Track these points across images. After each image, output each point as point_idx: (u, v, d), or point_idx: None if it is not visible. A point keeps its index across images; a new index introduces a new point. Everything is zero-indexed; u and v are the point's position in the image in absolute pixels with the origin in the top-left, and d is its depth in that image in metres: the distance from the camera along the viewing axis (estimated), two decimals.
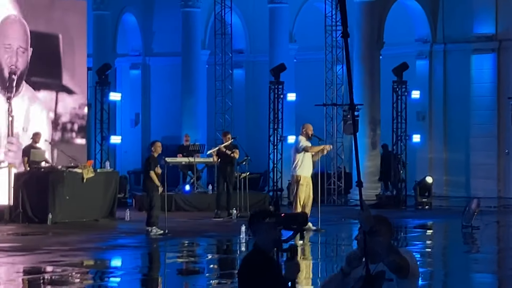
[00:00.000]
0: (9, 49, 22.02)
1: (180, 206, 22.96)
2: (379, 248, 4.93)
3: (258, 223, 5.66)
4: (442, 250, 18.02)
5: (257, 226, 5.66)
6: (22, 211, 19.69)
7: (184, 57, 28.61)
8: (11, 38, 22.14)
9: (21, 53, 22.17)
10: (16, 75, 22.09)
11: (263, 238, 5.62)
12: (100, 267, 14.83)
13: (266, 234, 5.61)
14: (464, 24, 28.80)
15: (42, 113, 22.82)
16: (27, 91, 22.47)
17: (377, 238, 4.94)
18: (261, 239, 5.63)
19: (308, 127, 18.67)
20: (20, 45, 22.21)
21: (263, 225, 5.62)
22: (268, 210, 5.89)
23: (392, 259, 4.92)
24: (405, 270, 4.98)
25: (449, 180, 29.09)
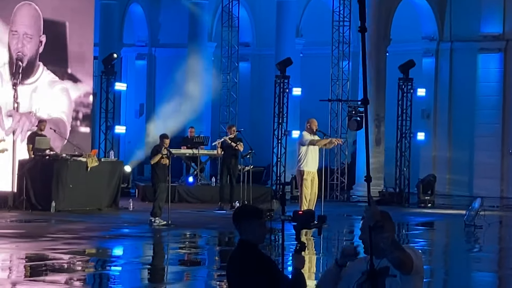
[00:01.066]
0: (16, 35, 22.04)
1: (183, 198, 23.00)
2: (383, 243, 4.93)
3: (251, 219, 5.65)
4: (444, 248, 18.03)
5: (249, 222, 5.64)
6: (25, 198, 19.73)
7: (190, 48, 28.59)
8: (18, 25, 22.16)
9: (28, 40, 22.17)
10: (24, 62, 22.10)
11: (254, 233, 5.63)
12: (102, 256, 14.86)
13: (258, 230, 5.63)
14: (471, 23, 28.77)
15: (62, 96, 22.90)
16: (47, 76, 22.55)
17: (381, 233, 4.94)
18: (251, 235, 5.63)
19: (313, 122, 18.68)
20: (26, 31, 22.21)
21: (256, 221, 5.63)
22: (255, 206, 5.92)
23: (396, 255, 4.93)
24: (408, 267, 4.99)
25: (452, 178, 29.09)
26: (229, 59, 27.69)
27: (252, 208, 5.82)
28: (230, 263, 5.70)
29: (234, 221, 5.74)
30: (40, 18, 22.46)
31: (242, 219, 5.68)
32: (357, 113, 24.95)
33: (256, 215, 5.67)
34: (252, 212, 5.70)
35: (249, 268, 5.50)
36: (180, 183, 23.88)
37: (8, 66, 21.91)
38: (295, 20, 28.88)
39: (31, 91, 22.32)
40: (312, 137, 18.42)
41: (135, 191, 24.39)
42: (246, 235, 5.62)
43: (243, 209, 5.90)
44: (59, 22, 23.08)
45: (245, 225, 5.64)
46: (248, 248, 5.58)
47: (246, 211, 5.79)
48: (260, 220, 5.65)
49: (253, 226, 5.62)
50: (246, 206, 6.00)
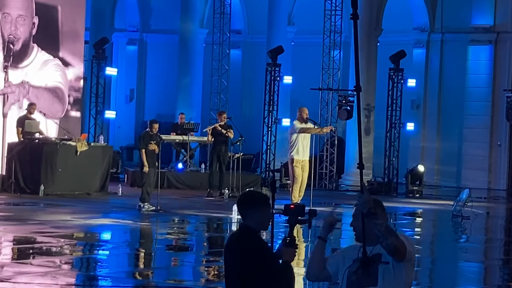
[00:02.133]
0: (8, 17, 21.95)
1: (172, 184, 23.03)
2: (377, 230, 4.96)
3: (258, 206, 5.63)
4: (431, 238, 18.11)
5: (256, 209, 5.62)
6: (14, 181, 19.72)
7: (181, 35, 28.56)
8: (10, 7, 22.07)
9: (21, 22, 22.10)
10: (17, 45, 22.02)
11: (258, 220, 5.62)
12: (90, 240, 14.88)
13: (264, 218, 5.62)
14: (463, 15, 28.83)
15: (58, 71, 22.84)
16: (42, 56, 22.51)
17: (375, 220, 4.97)
18: (255, 223, 5.62)
19: (303, 110, 18.76)
20: (19, 13, 22.14)
21: (263, 209, 5.62)
22: (263, 193, 5.87)
23: (390, 241, 4.95)
24: (402, 254, 5.02)
25: (440, 169, 29.21)
26: (220, 46, 27.68)
27: (260, 195, 5.73)
28: (228, 246, 5.70)
29: (240, 206, 5.71)
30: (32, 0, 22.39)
31: (248, 206, 5.65)
32: (347, 103, 25.01)
33: (263, 203, 5.64)
34: (259, 200, 5.66)
35: (247, 253, 5.52)
36: (170, 169, 23.90)
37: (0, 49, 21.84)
38: (287, 8, 28.87)
39: (25, 73, 22.23)
40: (302, 125, 18.48)
41: (124, 176, 24.39)
42: (250, 222, 5.61)
43: (251, 195, 5.79)
44: (51, 6, 23.00)
45: (251, 212, 5.61)
46: (249, 233, 5.58)
47: (253, 198, 5.71)
48: (266, 208, 5.64)
49: (259, 214, 5.60)
50: (254, 193, 5.92)
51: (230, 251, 5.64)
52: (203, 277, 12.28)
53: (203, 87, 29.24)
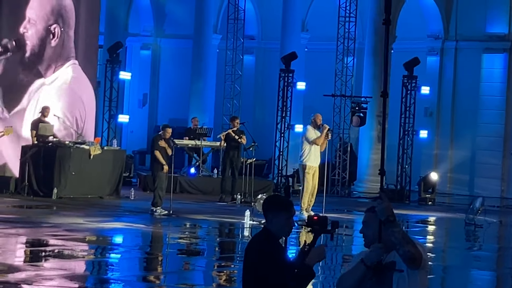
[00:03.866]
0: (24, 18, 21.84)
1: (184, 188, 23.05)
2: (394, 238, 4.92)
3: (279, 211, 5.62)
4: (444, 246, 18.06)
5: (276, 214, 5.61)
6: (27, 184, 19.78)
7: (195, 40, 28.60)
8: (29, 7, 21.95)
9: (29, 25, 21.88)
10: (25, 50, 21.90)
11: (279, 226, 5.61)
12: (102, 243, 14.90)
13: (284, 223, 5.62)
14: (477, 23, 28.77)
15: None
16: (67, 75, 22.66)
17: (392, 228, 4.94)
18: (276, 227, 5.61)
19: (317, 116, 18.83)
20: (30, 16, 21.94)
21: (284, 215, 5.61)
22: (288, 199, 5.85)
23: (407, 249, 4.91)
24: (419, 262, 4.98)
25: (453, 177, 29.12)
26: (234, 51, 27.70)
27: (284, 201, 5.69)
28: (248, 247, 5.72)
29: (264, 209, 5.69)
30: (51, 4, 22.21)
31: (270, 210, 5.63)
32: (361, 109, 24.98)
33: (285, 209, 5.62)
34: (281, 205, 5.64)
35: (264, 256, 5.52)
36: (182, 174, 23.92)
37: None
38: (301, 14, 28.88)
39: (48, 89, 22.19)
40: (316, 134, 18.53)
41: (137, 180, 24.43)
42: (271, 226, 5.61)
43: (275, 200, 5.73)
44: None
45: (272, 216, 5.60)
46: (269, 237, 5.58)
47: (276, 202, 5.66)
48: (288, 214, 5.61)
49: (280, 219, 5.58)
50: (277, 197, 5.87)
51: (249, 252, 5.65)
52: (215, 282, 12.28)
53: (216, 92, 29.26)
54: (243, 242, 15.73)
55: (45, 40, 22.06)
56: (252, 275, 5.56)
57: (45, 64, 22.08)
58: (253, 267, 5.56)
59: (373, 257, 4.99)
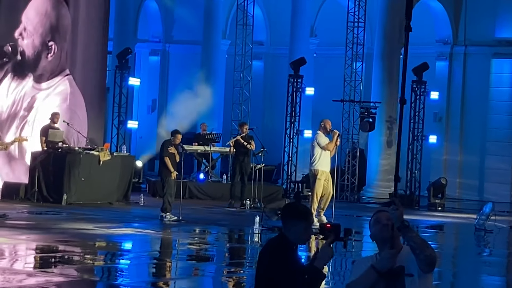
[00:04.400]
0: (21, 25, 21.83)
1: (193, 194, 23.06)
2: (413, 242, 4.93)
3: (298, 220, 5.62)
4: (454, 252, 18.02)
5: (295, 222, 5.62)
6: (37, 190, 19.82)
7: (204, 46, 28.64)
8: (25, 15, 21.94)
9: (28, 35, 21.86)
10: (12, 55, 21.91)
11: (297, 235, 5.62)
12: (111, 249, 14.91)
13: (303, 232, 5.62)
14: (486, 28, 28.72)
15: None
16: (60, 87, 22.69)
17: (410, 233, 4.94)
18: (294, 235, 5.62)
19: (327, 122, 18.83)
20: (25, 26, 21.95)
21: (303, 224, 5.62)
22: (307, 208, 5.84)
23: (428, 253, 4.93)
24: (435, 265, 5.02)
25: (463, 182, 29.05)
26: (242, 57, 27.72)
27: (303, 210, 5.68)
28: (263, 249, 5.74)
29: (282, 215, 5.72)
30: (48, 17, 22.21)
31: (290, 218, 5.64)
32: (370, 115, 24.97)
33: (304, 218, 5.63)
34: (301, 214, 5.64)
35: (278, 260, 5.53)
36: (191, 179, 23.93)
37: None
38: (310, 20, 28.89)
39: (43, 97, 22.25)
40: (325, 139, 18.55)
41: (146, 186, 24.45)
42: (289, 233, 5.62)
43: (294, 208, 5.71)
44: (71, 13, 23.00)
45: (290, 224, 5.61)
46: (284, 242, 5.60)
47: (294, 211, 5.66)
48: (306, 223, 5.62)
49: (298, 227, 5.59)
50: (298, 206, 5.87)
51: (263, 256, 5.67)
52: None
53: (225, 98, 29.29)
54: (253, 248, 15.73)
55: (40, 54, 22.03)
56: (264, 279, 5.57)
57: (38, 73, 22.05)
58: (266, 271, 5.58)
59: (385, 264, 4.98)
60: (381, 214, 5.19)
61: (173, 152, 17.91)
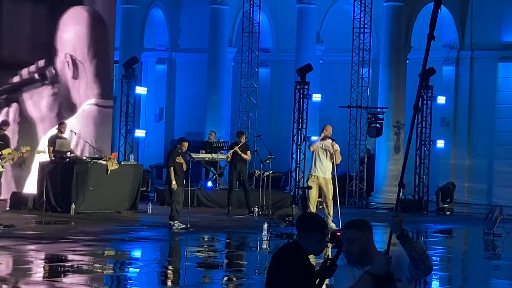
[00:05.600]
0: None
1: (201, 202, 23.08)
2: (415, 253, 4.91)
3: (312, 231, 5.62)
4: (463, 256, 18.00)
5: (309, 234, 5.62)
6: (45, 200, 19.85)
7: (210, 54, 28.68)
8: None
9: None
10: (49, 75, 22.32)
11: (311, 246, 5.63)
12: (120, 258, 14.93)
13: (316, 243, 5.63)
14: (492, 32, 28.70)
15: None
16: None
17: (412, 243, 4.93)
18: (308, 245, 5.63)
19: (326, 127, 18.98)
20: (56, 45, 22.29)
21: (318, 236, 5.62)
22: (322, 220, 5.84)
23: (428, 263, 4.92)
24: None
25: (471, 187, 29.01)
26: (249, 64, 27.75)
27: (317, 221, 5.72)
28: (275, 255, 5.75)
29: (297, 226, 5.75)
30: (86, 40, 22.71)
31: (304, 229, 5.66)
32: (377, 120, 24.96)
33: (319, 230, 5.64)
34: (316, 226, 5.67)
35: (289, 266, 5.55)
36: (199, 187, 23.95)
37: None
38: (316, 26, 28.91)
39: None
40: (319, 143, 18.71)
41: (154, 194, 24.48)
42: (303, 243, 5.63)
43: (309, 219, 5.77)
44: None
45: (305, 235, 5.63)
46: (299, 251, 5.61)
47: (310, 222, 5.71)
48: (321, 234, 5.62)
49: (312, 239, 5.61)
50: (313, 217, 5.88)
51: (275, 261, 5.69)
52: None
53: (232, 105, 29.32)
54: (262, 255, 15.73)
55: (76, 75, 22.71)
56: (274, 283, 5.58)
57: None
58: (277, 276, 5.59)
59: (381, 269, 4.97)
60: (353, 230, 5.18)
61: (180, 161, 17.92)
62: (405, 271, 4.98)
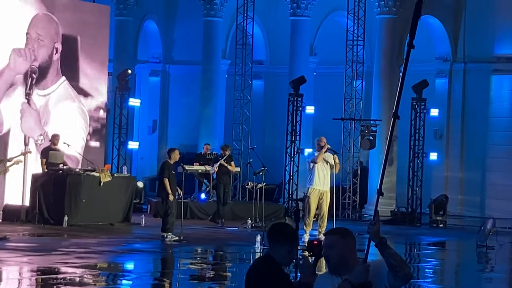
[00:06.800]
0: (29, 38, 22.06)
1: (195, 214, 23.07)
2: (393, 260, 4.94)
3: (283, 242, 5.62)
4: (456, 268, 18.00)
5: (280, 244, 5.62)
6: (38, 212, 19.81)
7: (204, 66, 28.71)
8: (31, 28, 22.13)
9: (41, 43, 22.16)
10: (36, 74, 22.16)
11: (282, 256, 5.62)
12: (113, 270, 14.90)
13: (286, 254, 5.63)
14: (485, 44, 28.78)
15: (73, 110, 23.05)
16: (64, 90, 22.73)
17: (389, 250, 4.96)
18: (279, 256, 5.63)
19: (320, 139, 18.98)
20: (38, 33, 22.21)
21: (288, 246, 5.62)
22: (293, 229, 5.83)
23: (407, 271, 4.95)
24: None
25: (464, 199, 29.03)
26: (242, 76, 27.79)
27: (290, 231, 5.70)
28: (251, 270, 5.74)
29: (268, 236, 5.73)
30: (57, 25, 22.53)
31: (275, 239, 5.65)
32: (370, 132, 24.99)
33: (289, 240, 5.63)
34: (286, 237, 5.66)
35: (267, 277, 5.54)
36: (192, 199, 23.95)
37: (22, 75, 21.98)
38: (309, 38, 28.96)
39: (45, 101, 22.38)
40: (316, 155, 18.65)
41: (147, 207, 24.44)
42: (274, 254, 5.62)
43: (280, 229, 5.75)
44: (70, 36, 23.15)
45: (275, 246, 5.62)
46: (271, 263, 5.60)
47: (281, 233, 5.70)
48: (292, 245, 5.62)
49: (283, 249, 5.60)
50: (283, 227, 5.87)
51: (250, 276, 5.68)
52: None
53: (226, 117, 29.34)
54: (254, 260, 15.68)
55: (51, 57, 22.39)
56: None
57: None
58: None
59: (360, 277, 4.99)
60: (333, 236, 5.18)
61: (173, 171, 17.90)
62: (384, 280, 5.00)
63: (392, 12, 27.09)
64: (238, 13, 27.74)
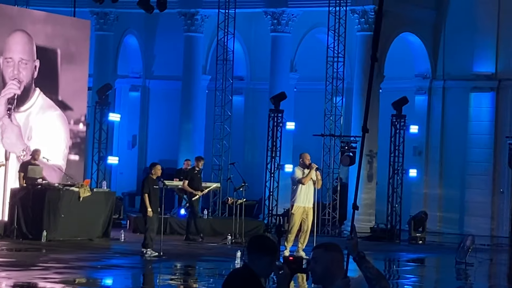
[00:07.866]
0: (11, 62, 22.09)
1: (174, 230, 23.00)
2: (369, 273, 4.97)
3: (263, 254, 5.62)
4: (435, 285, 18.01)
5: (260, 256, 5.62)
6: (16, 227, 19.68)
7: (184, 81, 28.71)
8: (12, 51, 22.22)
9: (23, 66, 22.25)
10: (20, 89, 22.15)
11: (261, 269, 5.62)
12: (92, 286, 14.82)
13: (266, 266, 5.62)
14: (464, 62, 28.95)
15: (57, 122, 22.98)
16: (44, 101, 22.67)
17: (366, 264, 4.99)
18: (258, 268, 5.62)
19: (305, 156, 18.81)
20: (22, 57, 22.29)
21: (268, 259, 5.61)
22: (273, 242, 5.83)
23: (383, 284, 4.98)
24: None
25: (443, 216, 29.12)
26: (223, 92, 27.80)
27: (270, 244, 5.69)
28: (228, 280, 5.71)
29: (248, 248, 5.71)
30: (33, 43, 22.55)
31: (255, 251, 5.64)
32: (350, 149, 25.04)
33: (269, 253, 5.63)
34: (266, 249, 5.65)
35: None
36: (172, 215, 23.87)
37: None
38: (290, 55, 29.04)
39: (25, 116, 22.33)
40: (303, 174, 18.52)
41: (127, 222, 24.35)
42: (253, 266, 5.61)
43: (260, 242, 5.72)
44: (50, 49, 23.11)
45: (255, 258, 5.61)
46: (249, 275, 5.58)
47: (261, 245, 5.68)
48: (271, 258, 5.62)
49: (263, 261, 5.59)
50: (264, 240, 5.88)
51: (228, 283, 5.66)
52: None
53: (206, 133, 29.31)
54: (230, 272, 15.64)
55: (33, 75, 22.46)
56: None
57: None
58: None
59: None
60: (318, 249, 5.22)
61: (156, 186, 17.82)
62: None
63: (372, 29, 27.18)
64: (219, 29, 27.78)
